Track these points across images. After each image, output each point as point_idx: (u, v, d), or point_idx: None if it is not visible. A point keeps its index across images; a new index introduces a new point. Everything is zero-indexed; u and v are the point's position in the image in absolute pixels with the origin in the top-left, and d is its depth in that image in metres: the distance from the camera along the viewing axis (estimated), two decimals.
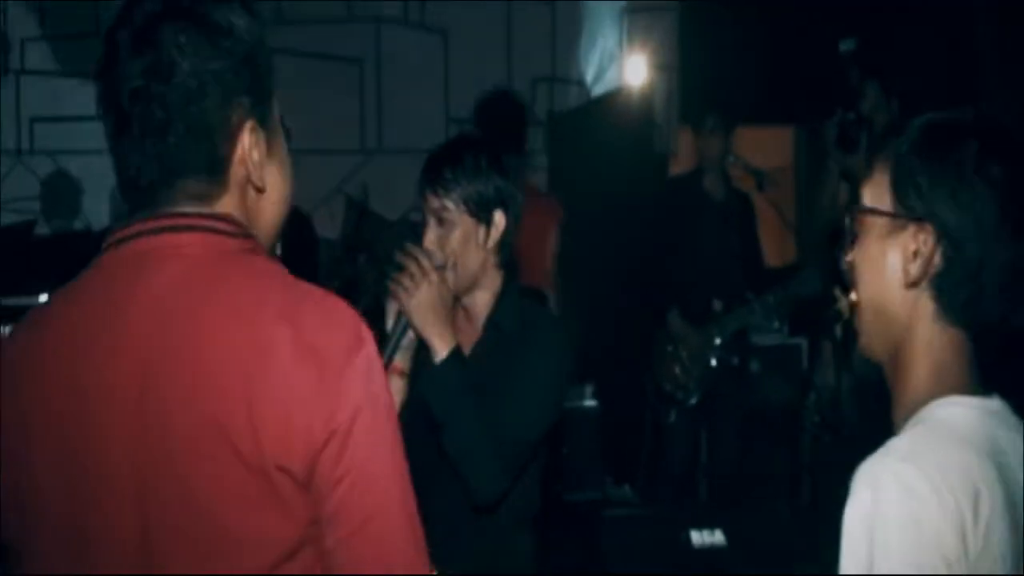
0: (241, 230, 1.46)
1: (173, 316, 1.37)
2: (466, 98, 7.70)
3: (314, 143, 6.31)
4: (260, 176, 1.49)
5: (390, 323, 2.46)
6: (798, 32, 6.65)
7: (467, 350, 2.56)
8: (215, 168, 1.44)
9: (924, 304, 1.48)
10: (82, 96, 6.82)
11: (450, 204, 2.53)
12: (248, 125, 1.47)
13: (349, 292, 5.37)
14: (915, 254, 1.46)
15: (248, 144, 1.46)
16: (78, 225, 6.77)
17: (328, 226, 6.50)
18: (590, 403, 6.38)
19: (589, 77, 7.82)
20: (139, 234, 1.43)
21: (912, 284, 1.47)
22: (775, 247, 6.72)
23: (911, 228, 1.47)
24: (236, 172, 1.47)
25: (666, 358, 5.19)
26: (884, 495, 1.35)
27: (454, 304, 2.57)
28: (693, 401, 5.19)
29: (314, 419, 1.34)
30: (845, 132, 4.15)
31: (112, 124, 1.44)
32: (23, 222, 6.19)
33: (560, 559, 4.65)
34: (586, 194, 6.84)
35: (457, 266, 2.52)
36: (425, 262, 2.45)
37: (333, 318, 1.42)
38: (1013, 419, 1.51)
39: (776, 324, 5.85)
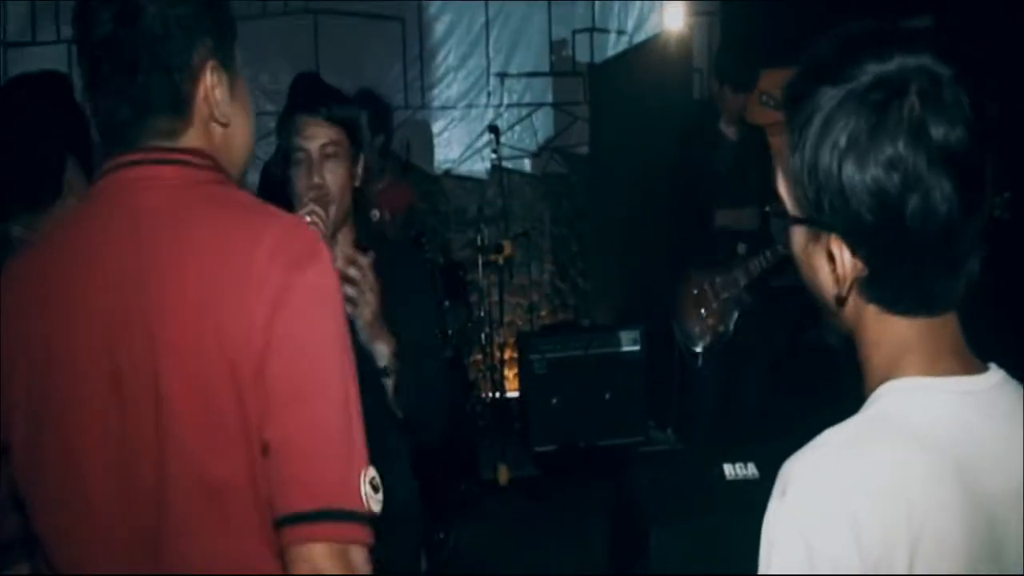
0: (210, 163, 1.58)
1: (154, 235, 1.50)
2: (507, 52, 7.78)
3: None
4: (223, 112, 1.60)
5: None
6: None
7: None
8: (180, 106, 1.56)
9: (863, 304, 1.27)
10: None
11: (334, 134, 2.48)
12: (210, 65, 1.57)
13: None
14: (832, 269, 1.26)
15: (210, 83, 1.57)
16: None
17: None
18: (633, 348, 6.47)
19: (629, 26, 7.83)
20: (118, 167, 1.55)
21: (842, 298, 1.27)
22: None
23: (822, 237, 1.26)
24: (200, 109, 1.59)
25: (693, 303, 5.22)
26: (788, 499, 1.19)
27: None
28: (721, 344, 5.22)
29: (262, 313, 1.46)
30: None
31: (86, 69, 1.56)
32: None
33: (599, 501, 4.74)
34: (627, 142, 6.89)
35: (337, 202, 2.49)
36: (369, 273, 2.41)
37: (295, 232, 1.54)
38: (1006, 399, 1.27)
39: None
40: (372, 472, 1.49)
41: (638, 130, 6.61)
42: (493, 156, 7.06)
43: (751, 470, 3.95)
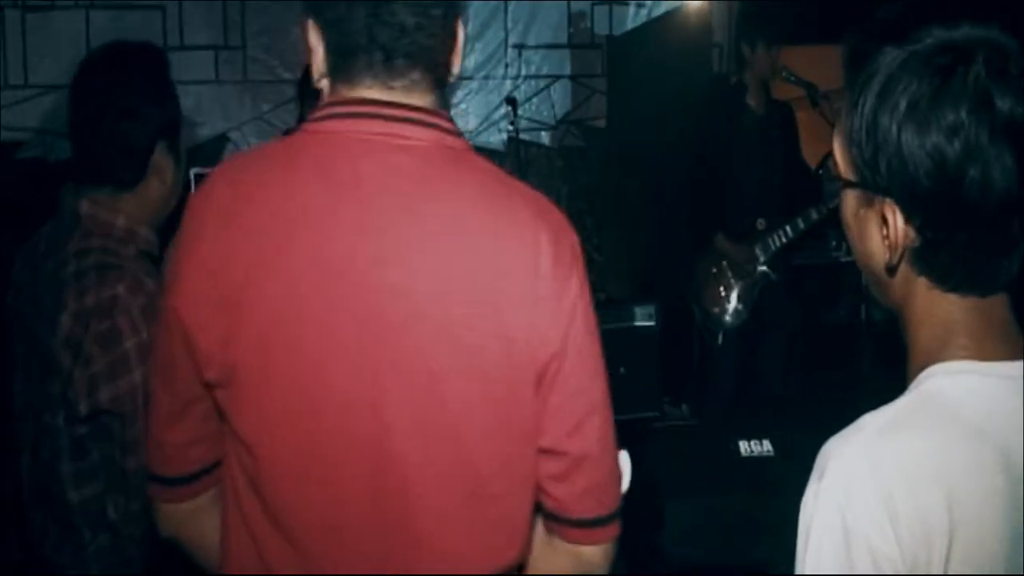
0: (457, 129, 1.56)
1: (416, 201, 1.44)
2: (526, 24, 7.73)
3: None
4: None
5: None
6: None
7: None
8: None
9: (914, 277, 1.24)
10: (151, 29, 6.98)
11: None
12: None
13: None
14: (884, 235, 1.23)
15: None
16: None
17: None
18: (648, 323, 6.44)
19: None
20: (368, 115, 1.48)
21: (892, 267, 1.24)
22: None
23: (876, 201, 1.23)
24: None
25: (712, 280, 5.20)
26: (826, 481, 1.17)
27: None
28: (740, 322, 5.21)
29: (552, 326, 1.47)
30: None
31: None
32: None
33: None
34: (645, 116, 6.86)
35: None
36: None
37: (565, 226, 1.54)
38: None
39: (832, 243, 5.84)
40: None
41: (656, 104, 6.58)
42: (510, 128, 7.04)
43: (766, 447, 3.97)
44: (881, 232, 1.23)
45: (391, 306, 1.41)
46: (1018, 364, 1.21)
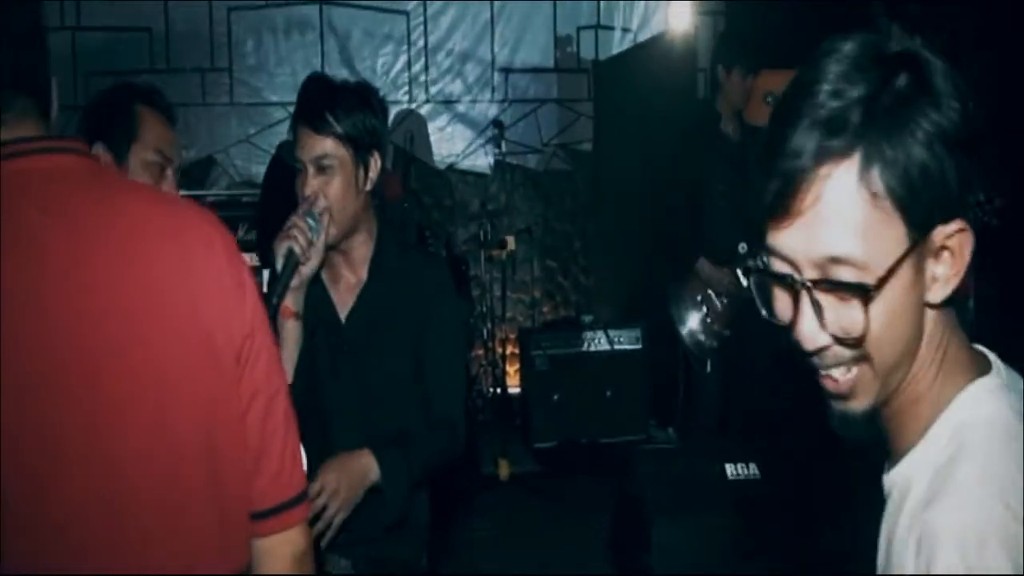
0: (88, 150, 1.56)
1: (88, 232, 1.42)
2: (512, 48, 7.78)
3: None
4: None
5: (279, 263, 2.35)
6: None
7: (352, 295, 2.55)
8: None
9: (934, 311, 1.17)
10: (138, 51, 6.99)
11: (330, 147, 2.42)
12: None
13: None
14: (941, 258, 1.13)
15: None
16: None
17: None
18: (635, 347, 6.48)
19: (634, 23, 7.83)
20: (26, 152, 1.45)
21: (945, 301, 1.15)
22: None
23: (934, 239, 1.12)
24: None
25: (695, 306, 5.18)
26: (989, 553, 1.04)
27: (332, 250, 2.51)
28: (725, 345, 5.19)
29: (237, 316, 1.52)
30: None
31: None
32: None
33: (600, 498, 4.76)
34: (630, 140, 6.89)
35: (337, 211, 2.43)
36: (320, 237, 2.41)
37: (221, 222, 1.58)
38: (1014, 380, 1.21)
39: None
40: None
41: (642, 128, 6.61)
42: (497, 151, 7.07)
43: (752, 470, 3.98)
44: (930, 275, 1.13)
45: (100, 328, 1.41)
46: (995, 369, 1.20)
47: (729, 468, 4.00)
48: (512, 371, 7.02)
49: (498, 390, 6.67)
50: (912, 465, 1.17)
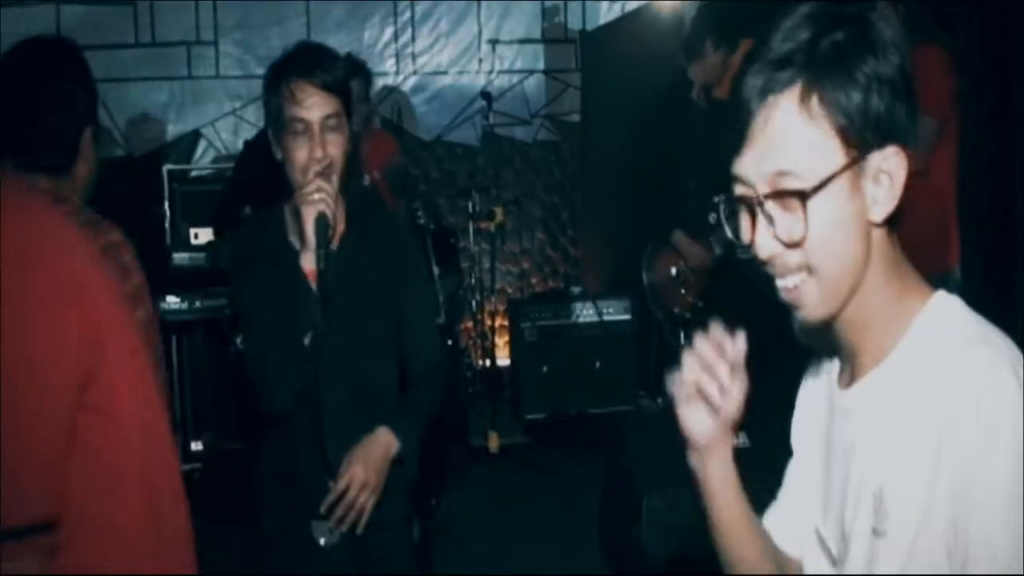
0: None
1: None
2: (499, 19, 7.73)
3: None
4: None
5: (309, 231, 2.37)
6: None
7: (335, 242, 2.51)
8: None
9: (873, 227, 1.32)
10: (123, 25, 6.94)
11: (338, 106, 2.43)
12: None
13: None
14: (880, 181, 1.30)
15: None
16: (119, 152, 6.93)
17: None
18: (624, 317, 6.49)
19: None
20: None
21: (884, 221, 1.32)
22: None
23: (871, 162, 1.29)
24: None
25: (670, 279, 5.13)
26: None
27: None
28: (701, 316, 5.14)
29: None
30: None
31: None
32: None
33: (590, 469, 4.77)
34: (618, 111, 6.88)
35: (340, 171, 2.46)
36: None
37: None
38: None
39: None
40: None
41: (630, 99, 6.59)
42: (485, 123, 7.04)
43: (742, 439, 3.98)
44: (870, 197, 1.28)
45: None
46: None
47: None
48: (501, 343, 7.03)
49: (487, 362, 6.68)
50: (883, 376, 1.34)
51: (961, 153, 4.09)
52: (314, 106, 2.40)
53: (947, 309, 1.32)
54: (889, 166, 1.27)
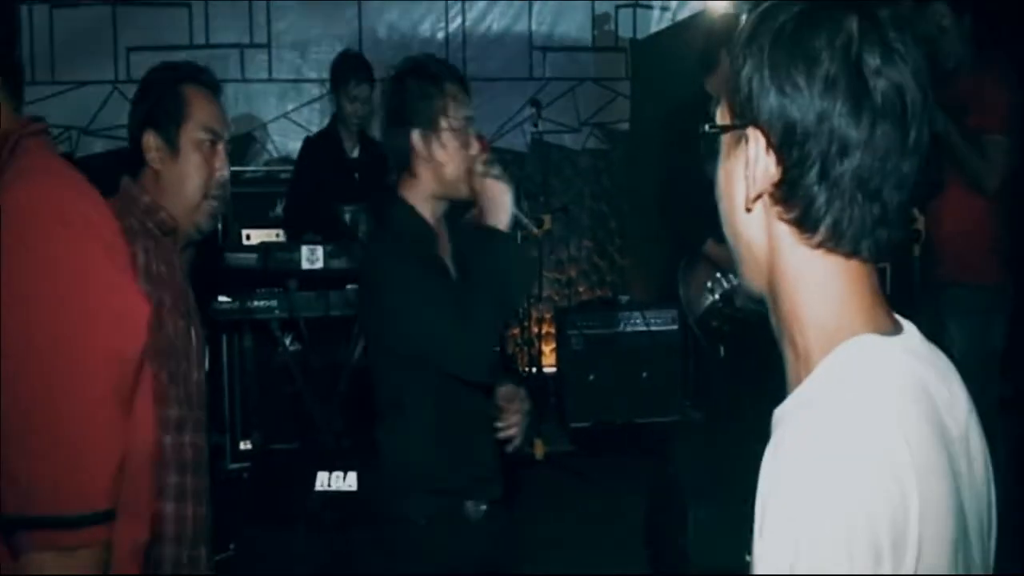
0: None
1: None
2: (550, 26, 7.74)
3: None
4: None
5: (513, 209, 2.74)
6: None
7: (447, 252, 2.78)
8: None
9: (778, 226, 1.20)
10: (178, 27, 7.01)
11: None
12: None
13: None
14: (749, 161, 1.21)
15: None
16: None
17: None
18: (671, 327, 6.46)
19: (673, 2, 7.77)
20: None
21: (750, 202, 1.22)
22: None
23: (746, 137, 1.22)
24: None
25: (706, 290, 5.07)
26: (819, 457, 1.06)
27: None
28: (738, 327, 5.07)
29: None
30: None
31: None
32: (119, 149, 6.39)
33: (635, 478, 4.76)
34: (667, 121, 6.84)
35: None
36: None
37: None
38: (932, 354, 1.22)
39: None
40: None
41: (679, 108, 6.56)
42: (534, 130, 7.04)
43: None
44: (749, 177, 1.21)
45: None
46: (907, 335, 1.20)
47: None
48: (548, 351, 7.02)
49: (533, 369, 6.67)
50: (791, 405, 1.15)
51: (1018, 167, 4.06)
52: (467, 105, 2.68)
53: (846, 365, 1.14)
54: (749, 148, 1.22)
